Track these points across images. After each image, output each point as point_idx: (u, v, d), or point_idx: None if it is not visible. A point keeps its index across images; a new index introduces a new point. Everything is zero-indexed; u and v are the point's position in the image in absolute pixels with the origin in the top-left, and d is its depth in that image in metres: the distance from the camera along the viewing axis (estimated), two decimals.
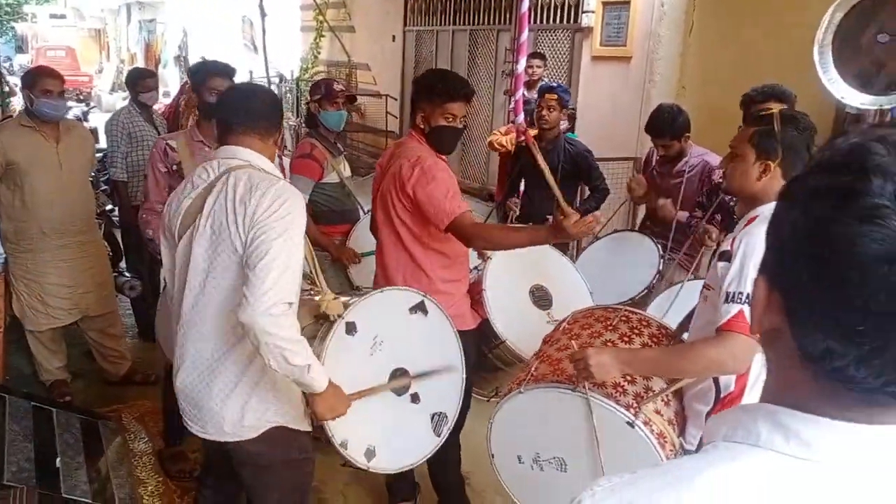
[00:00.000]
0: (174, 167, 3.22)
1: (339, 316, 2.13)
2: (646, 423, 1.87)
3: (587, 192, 4.41)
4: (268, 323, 1.80)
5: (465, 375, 2.50)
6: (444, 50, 9.20)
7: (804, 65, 3.83)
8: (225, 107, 2.15)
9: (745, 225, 1.92)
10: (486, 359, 3.13)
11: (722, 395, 1.94)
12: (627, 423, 1.86)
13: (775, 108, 1.99)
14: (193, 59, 11.96)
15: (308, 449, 2.21)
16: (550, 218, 3.89)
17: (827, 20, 3.48)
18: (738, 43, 5.07)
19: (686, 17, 5.50)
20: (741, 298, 1.76)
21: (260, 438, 2.06)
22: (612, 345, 2.11)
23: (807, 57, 3.74)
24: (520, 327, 2.93)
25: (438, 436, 2.37)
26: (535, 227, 2.61)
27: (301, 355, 1.87)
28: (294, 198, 1.98)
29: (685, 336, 2.23)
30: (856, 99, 3.45)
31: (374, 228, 2.90)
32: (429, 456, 2.35)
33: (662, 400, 1.99)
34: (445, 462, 2.97)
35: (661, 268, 3.52)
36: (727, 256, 1.86)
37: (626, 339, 2.14)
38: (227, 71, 3.39)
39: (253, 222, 1.89)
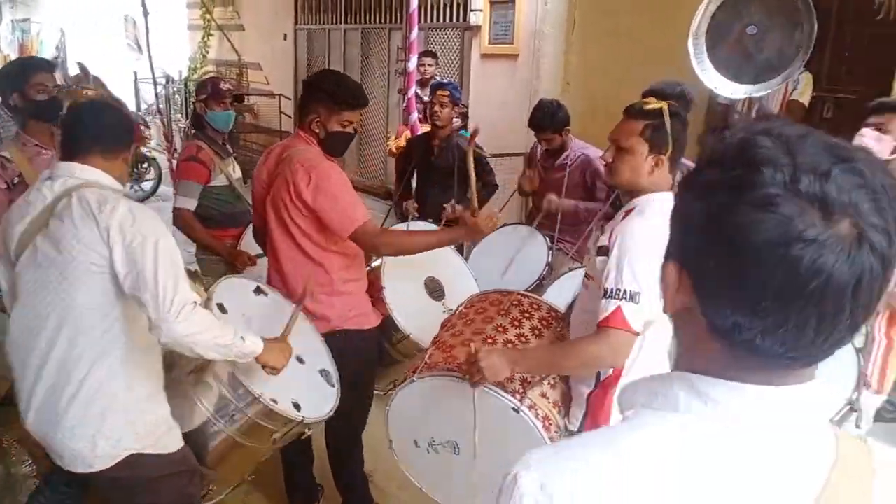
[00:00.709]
0: (14, 181, 2.95)
1: (208, 300, 2.25)
2: (531, 408, 1.94)
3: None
4: (185, 329, 1.86)
5: (316, 328, 2.59)
6: (337, 49, 9.15)
7: (681, 57, 4.05)
8: (70, 123, 2.11)
9: (623, 217, 1.97)
10: (388, 354, 3.15)
11: (602, 378, 2.02)
12: (513, 409, 1.92)
13: (655, 102, 2.01)
14: (72, 62, 11.33)
15: (187, 462, 2.15)
16: (445, 212, 3.99)
17: (701, 12, 3.63)
18: (618, 38, 5.30)
19: (568, 15, 5.71)
20: (619, 295, 1.81)
21: (118, 466, 2.00)
22: (503, 330, 2.16)
23: (683, 49, 3.95)
24: (420, 320, 2.98)
25: (333, 386, 2.50)
26: (450, 228, 2.67)
27: (228, 333, 1.96)
28: (145, 208, 2.01)
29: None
30: (727, 89, 3.63)
31: (260, 234, 2.86)
32: (336, 406, 2.45)
33: (549, 383, 2.07)
34: (348, 461, 2.99)
35: (550, 259, 3.62)
36: (605, 251, 1.91)
37: (516, 322, 2.20)
38: (49, 65, 3.24)
39: (113, 238, 1.88)
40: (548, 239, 3.71)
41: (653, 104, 2.00)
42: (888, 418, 3.58)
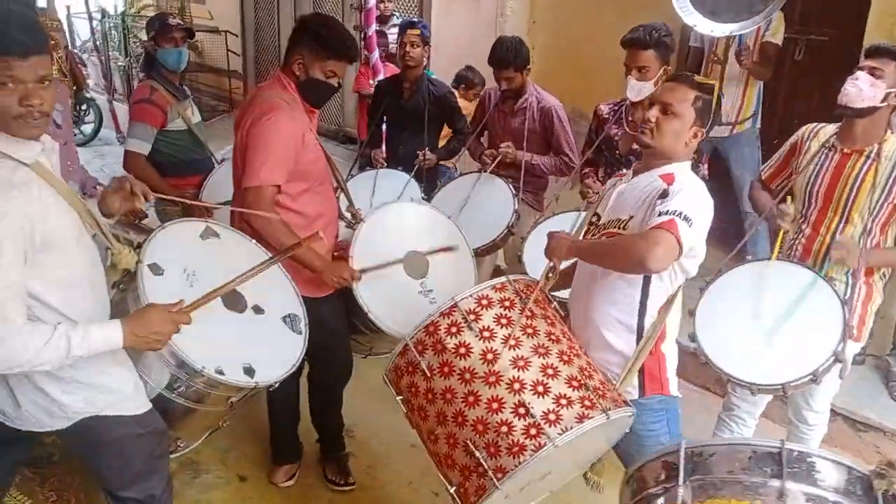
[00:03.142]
0: None
1: (139, 262, 1.98)
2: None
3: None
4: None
5: (284, 272, 2.39)
6: None
7: None
8: None
9: (664, 181, 1.99)
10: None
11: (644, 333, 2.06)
12: None
13: (707, 78, 2.14)
14: None
15: (151, 423, 2.00)
16: (420, 154, 3.81)
17: None
18: None
19: None
20: (675, 213, 1.83)
21: (73, 429, 1.85)
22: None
23: None
24: (388, 297, 2.72)
25: (300, 333, 2.33)
26: (315, 254, 2.50)
27: (49, 347, 1.62)
28: None
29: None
30: (707, 26, 3.52)
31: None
32: (302, 355, 2.30)
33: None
34: (329, 402, 3.01)
35: (516, 206, 3.50)
36: (664, 195, 1.94)
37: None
38: None
39: None
40: (510, 185, 3.56)
41: (705, 79, 2.08)
42: (857, 360, 3.65)
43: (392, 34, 5.93)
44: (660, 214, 1.86)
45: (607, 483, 3.00)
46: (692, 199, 1.91)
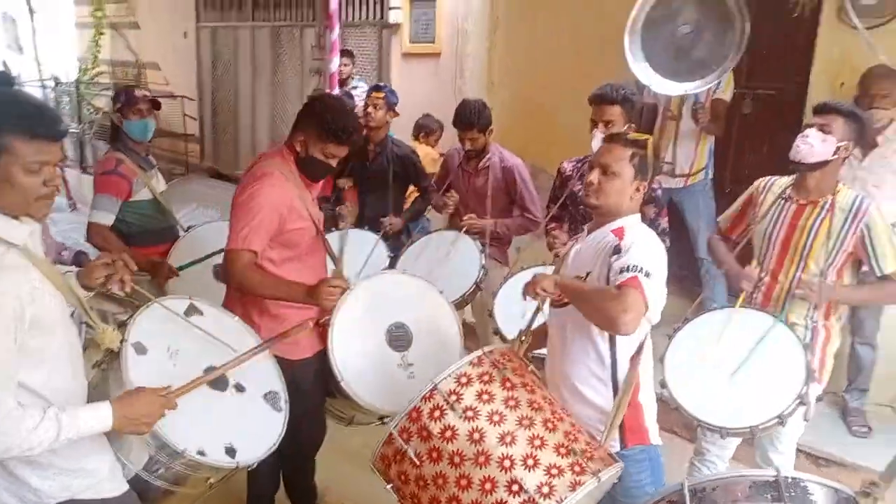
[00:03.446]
0: None
1: (123, 341, 1.96)
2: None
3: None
4: None
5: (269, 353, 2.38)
6: (245, 48, 8.78)
7: (607, 58, 4.08)
8: None
9: (615, 236, 2.09)
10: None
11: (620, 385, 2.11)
12: None
13: (639, 134, 2.23)
14: None
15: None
16: (385, 220, 3.87)
17: (637, 8, 3.63)
18: (541, 37, 5.31)
19: (491, 13, 5.67)
20: (636, 269, 1.93)
21: None
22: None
23: (610, 50, 3.96)
24: (364, 367, 2.68)
25: (280, 411, 2.32)
26: (292, 283, 2.55)
27: (40, 430, 1.59)
28: None
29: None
30: (662, 86, 3.68)
31: None
32: (283, 433, 2.28)
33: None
34: (302, 467, 3.02)
35: (483, 262, 3.55)
36: (617, 250, 2.04)
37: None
38: None
39: None
40: (478, 242, 3.63)
41: (638, 135, 2.19)
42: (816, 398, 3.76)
43: (360, 97, 6.04)
44: (621, 271, 1.94)
45: None
46: (647, 252, 2.01)
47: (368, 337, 2.73)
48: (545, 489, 1.75)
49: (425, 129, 5.36)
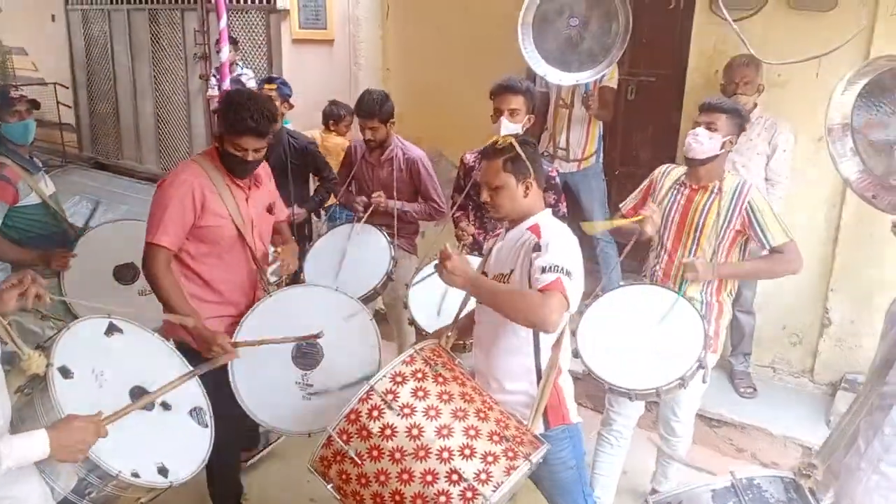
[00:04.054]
0: None
1: (48, 365, 1.94)
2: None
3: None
4: None
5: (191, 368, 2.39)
6: (121, 31, 8.34)
7: (498, 45, 4.18)
8: None
9: (532, 233, 2.19)
10: None
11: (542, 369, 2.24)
12: None
13: (503, 139, 2.26)
14: None
15: None
16: (288, 211, 3.82)
17: (527, 2, 3.80)
18: (433, 24, 5.35)
19: (382, 0, 5.65)
20: (557, 269, 2.03)
21: None
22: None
23: (501, 37, 4.06)
24: (260, 382, 2.71)
25: (206, 426, 2.35)
26: (190, 311, 2.56)
27: None
28: None
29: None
30: (556, 76, 3.85)
31: None
32: (211, 447, 2.31)
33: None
34: (226, 464, 3.01)
35: (393, 253, 3.60)
36: (538, 248, 2.13)
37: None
38: None
39: None
40: (384, 233, 3.68)
41: (502, 141, 2.25)
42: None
43: (248, 84, 5.89)
44: (543, 271, 2.04)
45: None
46: (566, 249, 2.13)
47: (272, 358, 2.71)
48: (483, 476, 1.86)
49: (333, 117, 5.29)
